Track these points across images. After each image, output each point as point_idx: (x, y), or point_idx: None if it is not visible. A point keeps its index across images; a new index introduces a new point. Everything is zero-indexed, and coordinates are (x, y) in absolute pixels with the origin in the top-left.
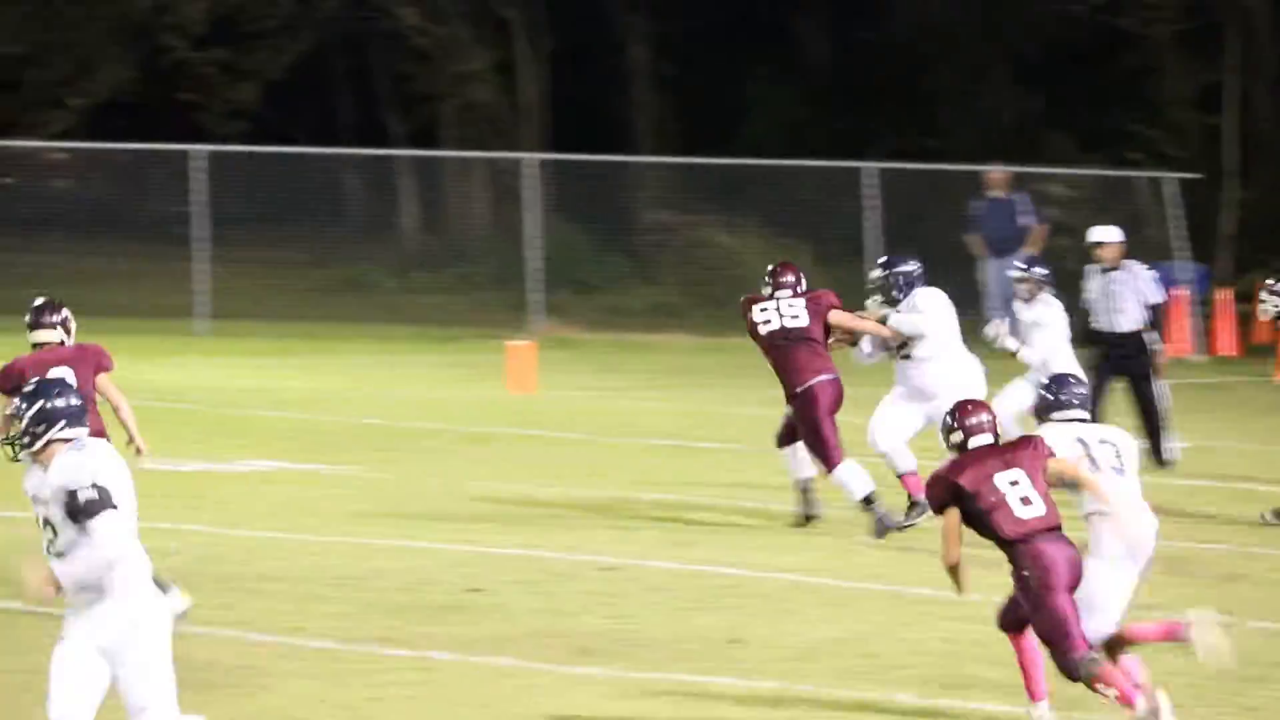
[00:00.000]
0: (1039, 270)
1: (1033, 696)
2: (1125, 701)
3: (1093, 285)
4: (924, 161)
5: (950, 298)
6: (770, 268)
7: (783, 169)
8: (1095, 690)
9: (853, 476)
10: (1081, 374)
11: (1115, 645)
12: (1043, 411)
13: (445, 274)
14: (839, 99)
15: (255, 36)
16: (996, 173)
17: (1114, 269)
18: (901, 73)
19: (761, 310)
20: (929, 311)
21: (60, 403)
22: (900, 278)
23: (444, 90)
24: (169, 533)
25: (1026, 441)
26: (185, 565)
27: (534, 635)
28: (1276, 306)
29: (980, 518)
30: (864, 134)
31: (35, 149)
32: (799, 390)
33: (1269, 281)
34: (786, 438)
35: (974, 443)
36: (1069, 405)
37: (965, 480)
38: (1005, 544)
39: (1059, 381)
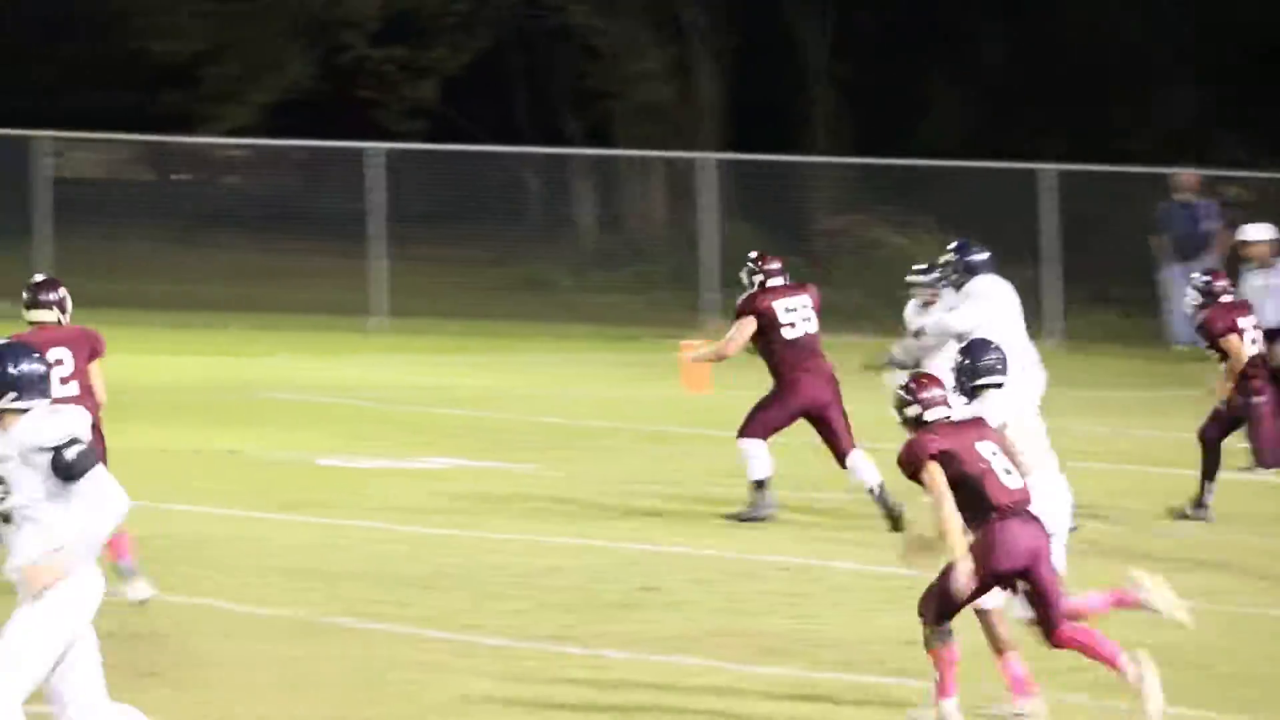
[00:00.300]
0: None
1: (1113, 664)
2: (941, 692)
3: (1244, 284)
4: (1102, 163)
5: (1129, 300)
6: (753, 255)
7: (958, 170)
8: (928, 656)
9: (758, 455)
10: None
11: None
12: (965, 378)
13: (622, 273)
14: (1016, 99)
15: (433, 34)
16: (1186, 175)
17: (1264, 267)
18: (1079, 73)
19: (788, 311)
20: (985, 298)
21: (20, 369)
22: (963, 265)
23: (620, 89)
24: (341, 528)
25: (979, 420)
26: (360, 562)
27: (713, 635)
28: (1195, 301)
29: (969, 483)
30: (1041, 135)
31: (213, 145)
32: (788, 379)
33: (1194, 276)
34: (840, 458)
35: (931, 415)
36: (992, 370)
37: (949, 445)
38: (985, 511)
39: (975, 347)
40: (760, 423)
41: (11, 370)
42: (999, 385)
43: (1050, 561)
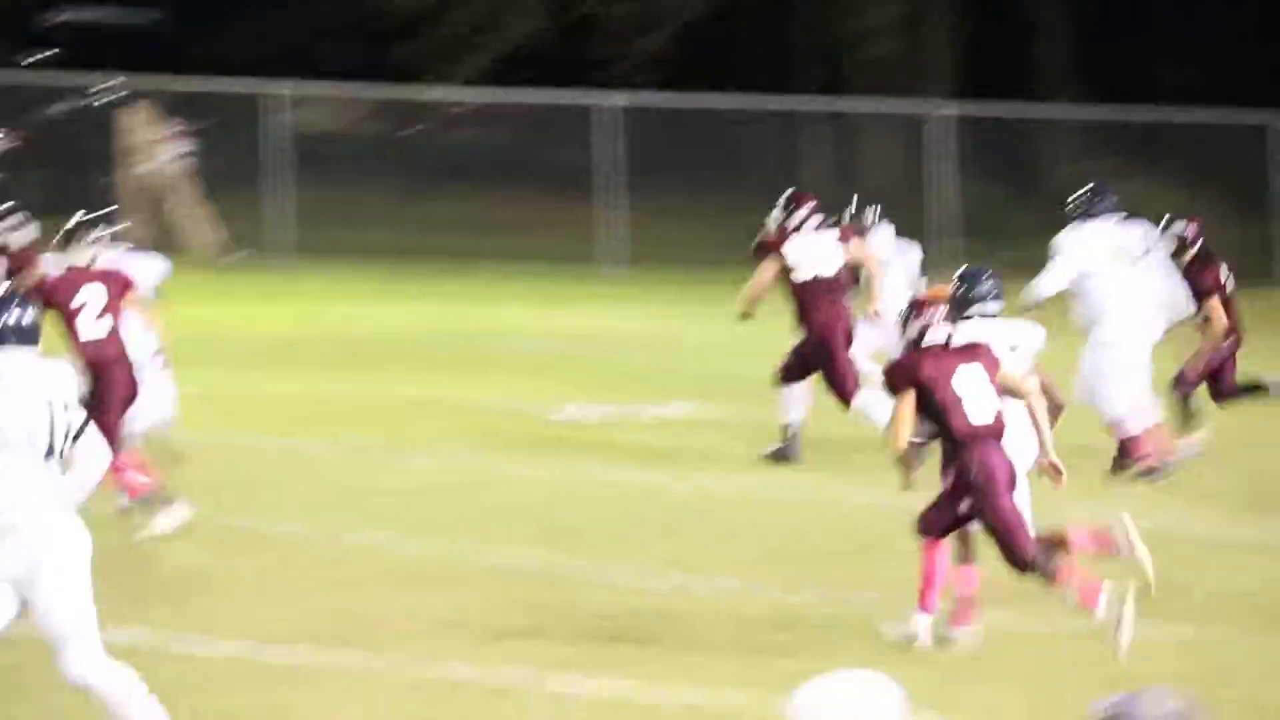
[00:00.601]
0: (872, 215)
1: (924, 607)
2: (1087, 603)
3: None
4: None
5: None
6: (786, 195)
7: (1197, 123)
8: (1055, 587)
9: (877, 404)
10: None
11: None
12: (961, 306)
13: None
14: (1260, 48)
15: None
16: None
17: None
18: None
19: (803, 253)
20: (1064, 253)
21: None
22: (1080, 212)
23: (854, 40)
24: (577, 476)
25: (979, 346)
26: (597, 509)
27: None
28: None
29: (936, 411)
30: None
31: (446, 99)
32: (815, 330)
33: (1176, 224)
34: (789, 375)
35: (931, 336)
36: (986, 298)
37: (926, 370)
38: (953, 442)
39: (970, 275)
40: (844, 384)
41: None
42: (990, 315)
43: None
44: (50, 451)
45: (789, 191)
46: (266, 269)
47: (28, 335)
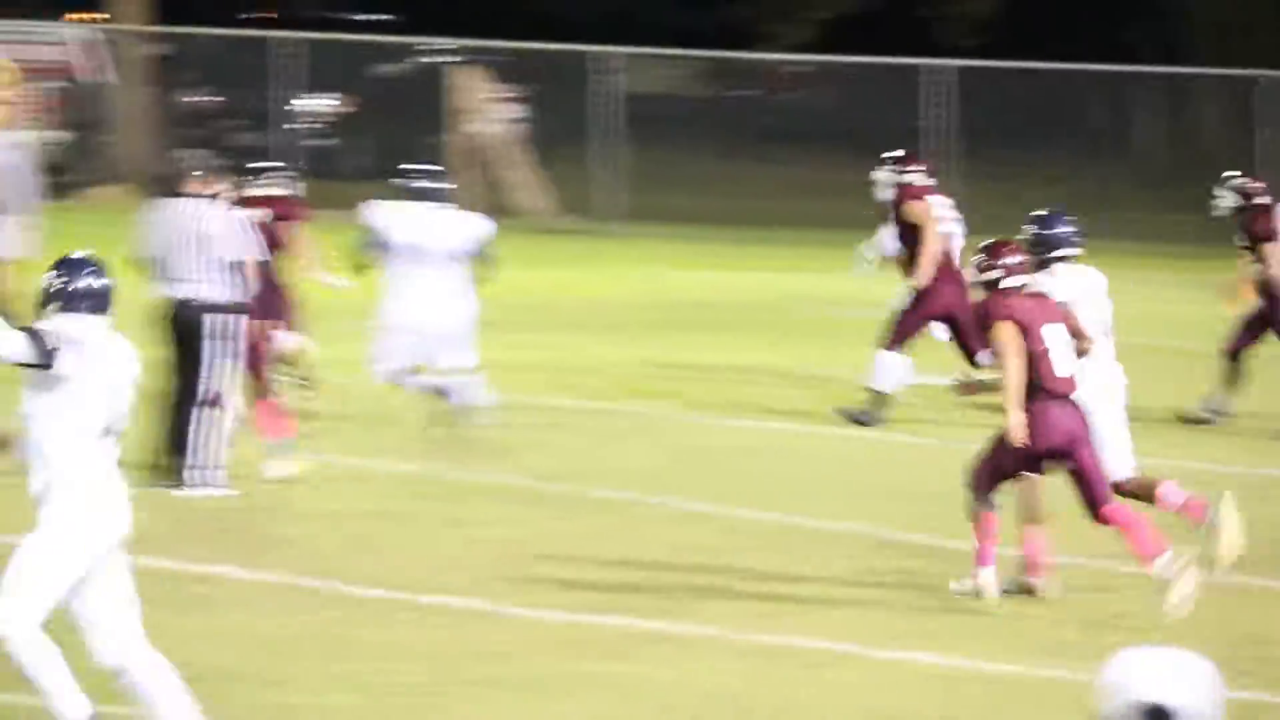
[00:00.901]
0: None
1: (1152, 554)
2: (979, 561)
3: None
4: None
5: None
6: (900, 154)
7: None
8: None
9: (891, 368)
10: None
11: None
12: (1040, 250)
13: (1186, 192)
14: None
15: None
16: None
17: None
18: None
19: (941, 208)
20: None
21: (69, 285)
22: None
23: (1187, 3)
24: (902, 444)
25: (1057, 302)
26: (926, 479)
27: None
28: (1234, 203)
29: (1027, 359)
30: None
31: (773, 62)
32: (929, 285)
33: (1225, 175)
34: (970, 355)
35: (1009, 283)
36: (1065, 241)
37: (1020, 314)
38: (1032, 390)
39: (1049, 218)
40: (900, 334)
41: (64, 284)
42: (1069, 260)
43: (1091, 445)
44: (106, 429)
45: (901, 153)
46: (594, 233)
47: (99, 302)
